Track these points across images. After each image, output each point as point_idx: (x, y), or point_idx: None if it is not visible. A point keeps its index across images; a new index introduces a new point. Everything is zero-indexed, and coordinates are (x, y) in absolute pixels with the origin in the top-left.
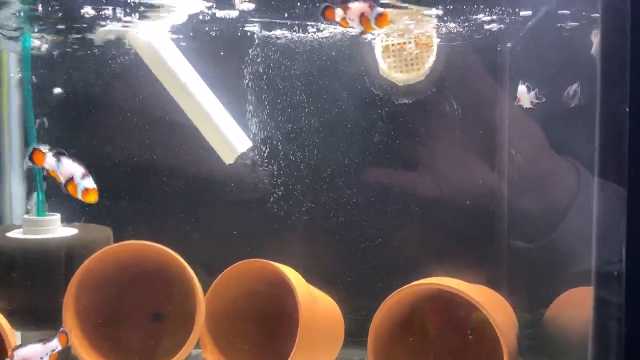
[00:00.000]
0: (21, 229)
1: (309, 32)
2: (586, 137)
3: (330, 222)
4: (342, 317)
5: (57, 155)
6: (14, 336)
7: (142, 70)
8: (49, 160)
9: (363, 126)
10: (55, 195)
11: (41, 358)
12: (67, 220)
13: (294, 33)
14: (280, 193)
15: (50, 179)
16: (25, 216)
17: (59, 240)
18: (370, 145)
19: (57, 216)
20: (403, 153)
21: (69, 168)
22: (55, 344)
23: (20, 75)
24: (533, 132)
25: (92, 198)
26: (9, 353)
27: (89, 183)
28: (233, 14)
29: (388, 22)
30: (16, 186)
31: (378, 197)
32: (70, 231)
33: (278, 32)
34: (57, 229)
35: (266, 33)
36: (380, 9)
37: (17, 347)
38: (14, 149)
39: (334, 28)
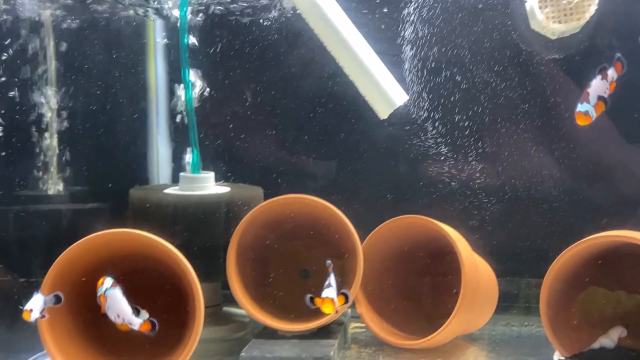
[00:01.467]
0: (176, 187)
1: None
2: None
3: (487, 186)
4: (496, 281)
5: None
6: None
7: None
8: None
9: (512, 84)
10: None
11: None
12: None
13: None
14: (432, 152)
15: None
16: (182, 174)
17: (218, 196)
18: (523, 106)
19: (212, 174)
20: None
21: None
22: None
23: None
24: None
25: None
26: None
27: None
28: None
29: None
30: (163, 148)
31: (538, 161)
32: (224, 189)
33: None
34: (211, 186)
35: None
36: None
37: None
38: (160, 111)
39: None
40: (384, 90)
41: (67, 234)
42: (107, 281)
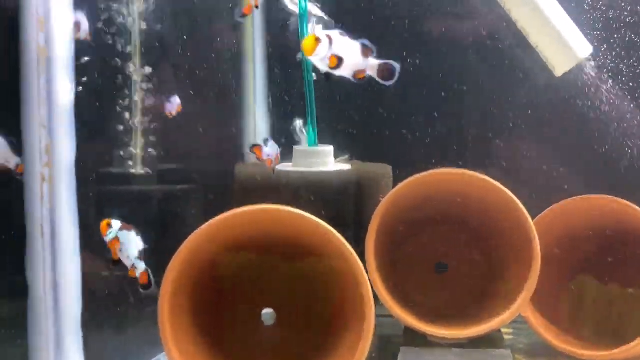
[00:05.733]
0: (288, 163)
1: None
2: None
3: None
4: None
5: None
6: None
7: None
8: None
9: None
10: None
11: None
12: None
13: None
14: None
15: None
16: (297, 147)
17: (344, 174)
18: None
19: (331, 148)
20: None
21: None
22: None
23: None
24: None
25: None
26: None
27: None
28: None
29: None
30: (260, 121)
31: None
32: (345, 166)
33: None
34: (331, 162)
35: None
36: None
37: None
38: (257, 81)
39: None
40: (565, 40)
41: (155, 220)
42: (115, 223)
